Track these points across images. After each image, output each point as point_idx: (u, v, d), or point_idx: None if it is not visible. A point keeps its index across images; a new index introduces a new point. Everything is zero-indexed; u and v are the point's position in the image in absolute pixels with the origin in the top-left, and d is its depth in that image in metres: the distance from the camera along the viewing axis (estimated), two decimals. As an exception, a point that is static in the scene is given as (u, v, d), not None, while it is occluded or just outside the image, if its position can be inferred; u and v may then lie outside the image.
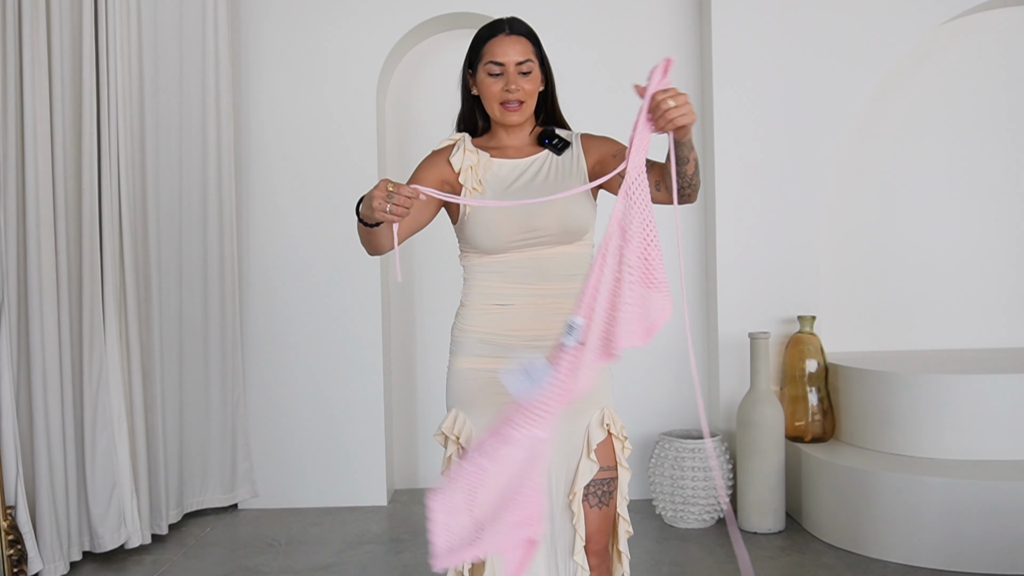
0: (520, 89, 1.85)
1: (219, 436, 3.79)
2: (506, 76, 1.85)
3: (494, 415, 1.84)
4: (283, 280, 3.94)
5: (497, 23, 1.90)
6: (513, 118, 1.87)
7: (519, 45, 1.86)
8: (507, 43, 1.85)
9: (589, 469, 1.81)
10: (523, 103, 1.86)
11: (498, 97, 1.86)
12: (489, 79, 1.86)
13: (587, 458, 1.81)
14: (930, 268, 3.90)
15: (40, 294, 3.00)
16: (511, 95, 1.85)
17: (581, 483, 1.80)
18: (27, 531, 2.89)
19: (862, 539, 3.12)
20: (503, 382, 1.49)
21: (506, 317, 1.86)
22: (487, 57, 1.86)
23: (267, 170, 3.95)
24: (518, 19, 1.91)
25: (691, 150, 1.65)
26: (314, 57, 3.93)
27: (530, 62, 1.86)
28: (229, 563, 3.25)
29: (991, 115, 3.88)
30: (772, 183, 3.72)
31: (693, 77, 3.92)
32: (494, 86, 1.86)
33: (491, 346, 1.88)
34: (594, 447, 1.82)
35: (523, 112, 1.88)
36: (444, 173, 1.90)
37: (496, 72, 1.85)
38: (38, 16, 3.02)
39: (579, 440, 1.82)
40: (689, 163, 1.66)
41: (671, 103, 1.46)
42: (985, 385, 3.16)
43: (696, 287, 3.95)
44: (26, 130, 2.98)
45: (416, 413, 4.18)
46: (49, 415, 3.01)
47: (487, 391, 1.87)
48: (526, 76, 1.86)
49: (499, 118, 1.89)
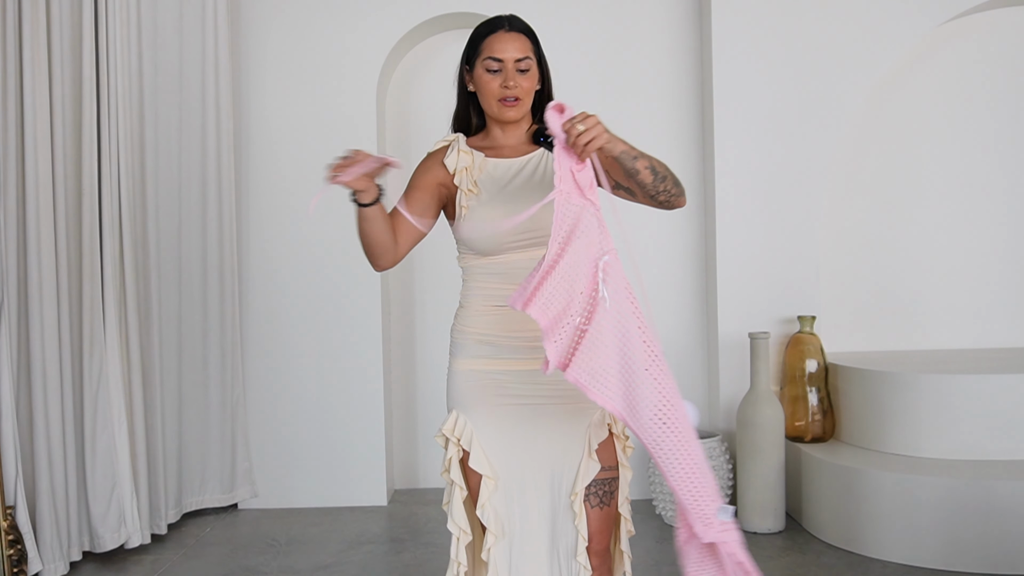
0: (518, 86, 1.84)
1: (219, 436, 3.79)
2: (505, 72, 1.84)
3: (494, 416, 1.85)
4: (283, 280, 3.94)
5: (496, 19, 1.89)
6: (511, 114, 1.86)
7: (518, 42, 1.85)
8: (506, 39, 1.84)
9: (590, 469, 1.80)
10: (520, 100, 1.86)
11: (497, 94, 1.85)
12: (487, 75, 1.85)
13: (588, 458, 1.81)
14: (930, 268, 3.90)
15: (40, 294, 3.00)
16: (509, 91, 1.84)
17: (583, 483, 1.80)
18: (27, 531, 2.89)
19: (862, 539, 3.12)
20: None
21: (504, 318, 1.85)
22: (486, 53, 1.85)
23: (267, 170, 3.95)
24: (517, 16, 1.90)
25: (636, 159, 1.67)
26: (314, 57, 3.93)
27: (528, 59, 1.85)
28: (229, 563, 3.25)
29: (990, 115, 3.88)
30: (772, 183, 3.72)
31: (693, 78, 3.92)
32: (492, 82, 1.85)
33: (490, 347, 1.87)
34: (595, 447, 1.81)
35: (520, 109, 1.87)
36: (439, 176, 1.89)
37: (495, 68, 1.84)
38: (38, 16, 3.02)
39: (580, 440, 1.82)
40: (641, 173, 1.68)
41: (580, 127, 1.54)
42: (985, 385, 3.16)
43: (696, 287, 3.95)
44: (26, 130, 2.98)
45: (416, 413, 4.18)
46: (49, 415, 3.01)
47: (487, 392, 1.86)
48: (524, 74, 1.85)
49: (497, 115, 1.88)
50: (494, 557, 1.84)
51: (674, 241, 3.95)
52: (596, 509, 1.82)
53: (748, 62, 3.72)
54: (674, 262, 3.95)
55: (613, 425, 1.84)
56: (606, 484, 1.83)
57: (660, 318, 3.95)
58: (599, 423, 1.83)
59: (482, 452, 1.84)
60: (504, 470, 1.84)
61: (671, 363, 3.88)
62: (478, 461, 1.83)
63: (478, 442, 1.84)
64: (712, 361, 3.86)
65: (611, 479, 1.84)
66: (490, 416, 1.85)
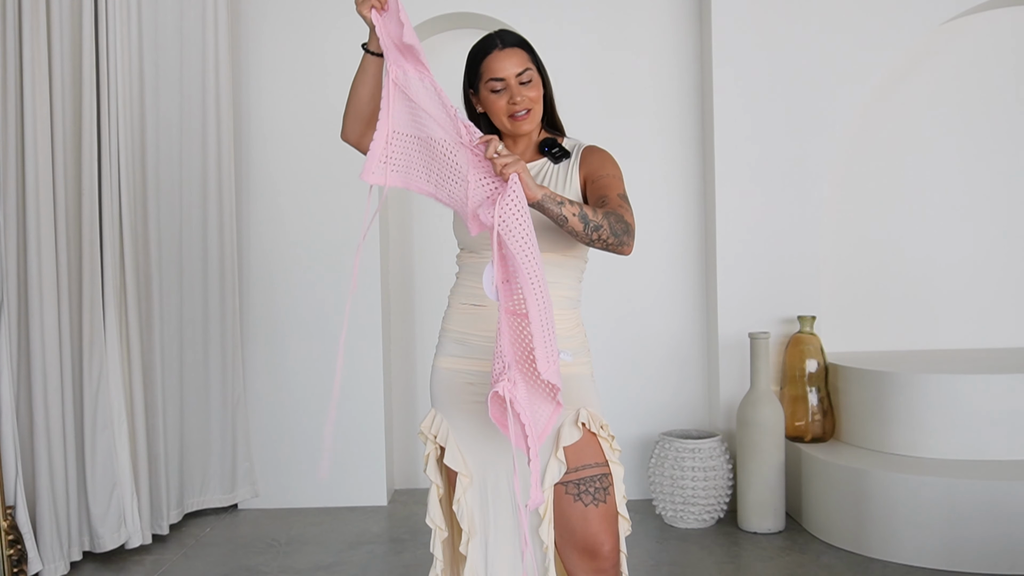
0: (525, 98, 1.87)
1: (219, 436, 3.79)
2: (509, 90, 1.86)
3: (466, 415, 1.87)
4: (283, 280, 3.94)
5: (488, 39, 1.91)
6: (525, 127, 1.89)
7: (515, 57, 1.87)
8: (503, 58, 1.87)
9: (556, 468, 1.80)
10: (530, 111, 1.88)
11: (505, 111, 1.88)
12: (493, 96, 1.88)
13: (554, 457, 1.80)
14: (930, 268, 3.90)
15: (40, 294, 3.00)
16: (517, 106, 1.86)
17: (549, 482, 1.80)
18: (27, 531, 2.89)
19: (862, 539, 3.12)
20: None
21: (480, 318, 1.88)
22: (486, 75, 1.88)
23: (267, 170, 3.95)
24: (507, 31, 1.92)
25: (561, 205, 1.66)
26: (314, 57, 3.93)
27: (529, 71, 1.88)
28: (229, 563, 3.25)
29: (991, 115, 3.88)
30: (772, 183, 3.72)
31: (693, 78, 3.92)
32: (499, 101, 1.88)
33: (464, 346, 1.90)
34: (563, 446, 1.80)
35: (532, 119, 1.90)
36: None
37: (498, 88, 1.87)
38: (38, 16, 3.02)
39: (548, 441, 1.81)
40: (569, 220, 1.67)
41: (500, 161, 1.59)
42: (985, 385, 3.17)
43: (696, 287, 3.95)
44: (26, 130, 2.98)
45: (416, 413, 4.18)
46: (49, 415, 3.01)
47: (460, 391, 1.89)
48: (527, 85, 1.87)
49: (511, 130, 1.90)
50: (471, 552, 1.86)
51: (674, 241, 3.95)
52: (591, 507, 1.80)
53: (748, 62, 3.72)
54: (674, 262, 3.95)
55: (590, 424, 1.83)
56: (596, 481, 1.81)
57: (660, 318, 3.95)
58: (569, 424, 1.81)
59: (457, 450, 1.87)
60: (477, 468, 1.87)
61: (671, 363, 3.87)
62: (452, 458, 1.86)
63: (453, 440, 1.88)
64: (712, 361, 3.86)
65: (601, 475, 1.82)
66: (463, 415, 1.88)
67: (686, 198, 3.94)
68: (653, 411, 3.92)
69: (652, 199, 3.91)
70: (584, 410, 1.83)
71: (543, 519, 1.80)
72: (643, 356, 3.94)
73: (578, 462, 1.81)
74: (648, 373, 3.93)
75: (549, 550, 1.81)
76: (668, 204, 3.94)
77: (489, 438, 1.85)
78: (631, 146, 3.86)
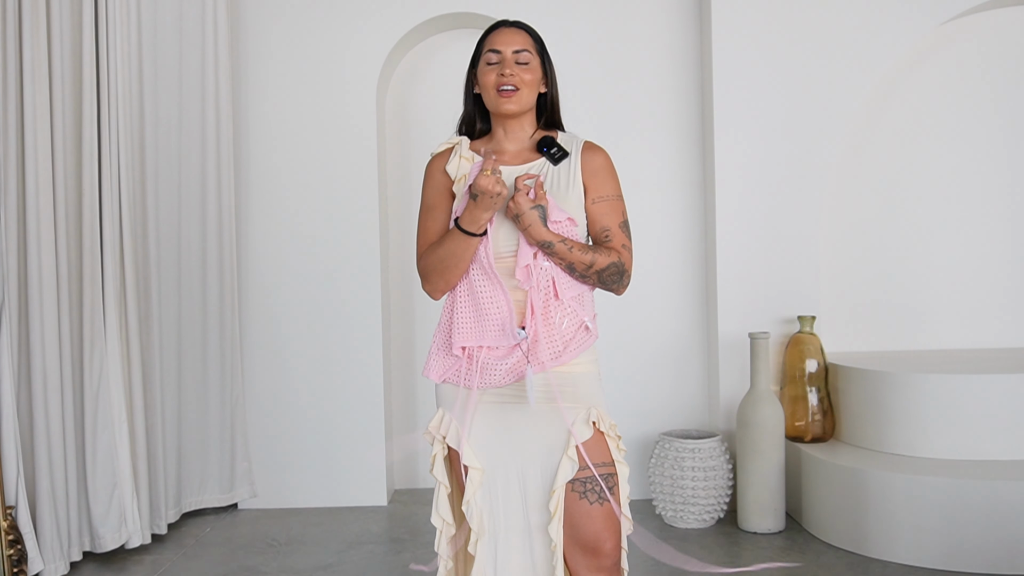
0: (516, 75, 1.85)
1: (218, 436, 3.79)
2: (503, 63, 1.86)
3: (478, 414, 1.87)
4: (282, 280, 3.94)
5: (501, 21, 1.95)
6: (509, 106, 1.86)
7: (518, 36, 1.89)
8: (506, 33, 1.89)
9: (569, 467, 1.80)
10: (519, 90, 1.86)
11: (494, 83, 1.87)
12: (487, 67, 1.88)
13: (567, 456, 1.81)
14: (930, 268, 3.90)
15: (40, 294, 3.00)
16: (506, 79, 1.85)
17: (561, 481, 1.80)
18: (27, 531, 2.89)
19: (862, 539, 3.12)
20: None
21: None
22: (487, 47, 1.90)
23: (266, 170, 3.95)
24: (522, 21, 1.96)
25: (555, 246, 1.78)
26: (314, 57, 3.93)
27: (528, 52, 1.88)
28: (229, 563, 3.25)
29: (991, 115, 3.88)
30: (772, 183, 3.72)
31: (693, 78, 3.92)
32: (491, 73, 1.87)
33: None
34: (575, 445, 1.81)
35: (518, 100, 1.87)
36: (445, 183, 1.93)
37: (494, 60, 1.88)
38: (38, 16, 3.02)
39: (561, 439, 1.82)
40: (553, 255, 1.80)
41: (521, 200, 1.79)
42: (985, 385, 3.17)
43: (696, 287, 3.95)
44: (26, 130, 2.98)
45: (416, 413, 4.18)
46: (49, 415, 3.01)
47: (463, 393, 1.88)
48: (524, 66, 1.87)
49: (495, 106, 1.88)
50: (480, 552, 1.86)
51: (674, 241, 3.95)
52: (595, 506, 1.81)
53: (748, 62, 3.72)
54: (674, 262, 3.95)
55: (600, 423, 1.84)
56: (604, 480, 1.82)
57: (660, 318, 3.95)
58: (582, 422, 1.82)
59: (469, 447, 1.86)
60: (488, 467, 1.87)
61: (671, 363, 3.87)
62: (470, 457, 1.86)
63: (466, 437, 1.86)
64: (712, 361, 3.87)
65: (607, 475, 1.83)
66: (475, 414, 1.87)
67: (686, 198, 3.95)
68: (653, 411, 3.92)
69: (652, 199, 3.92)
70: (595, 409, 1.84)
71: (553, 517, 1.80)
72: (643, 356, 3.94)
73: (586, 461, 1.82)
74: (648, 373, 3.94)
75: (558, 548, 1.81)
76: (668, 204, 3.94)
77: (499, 437, 1.85)
78: (631, 146, 3.87)
